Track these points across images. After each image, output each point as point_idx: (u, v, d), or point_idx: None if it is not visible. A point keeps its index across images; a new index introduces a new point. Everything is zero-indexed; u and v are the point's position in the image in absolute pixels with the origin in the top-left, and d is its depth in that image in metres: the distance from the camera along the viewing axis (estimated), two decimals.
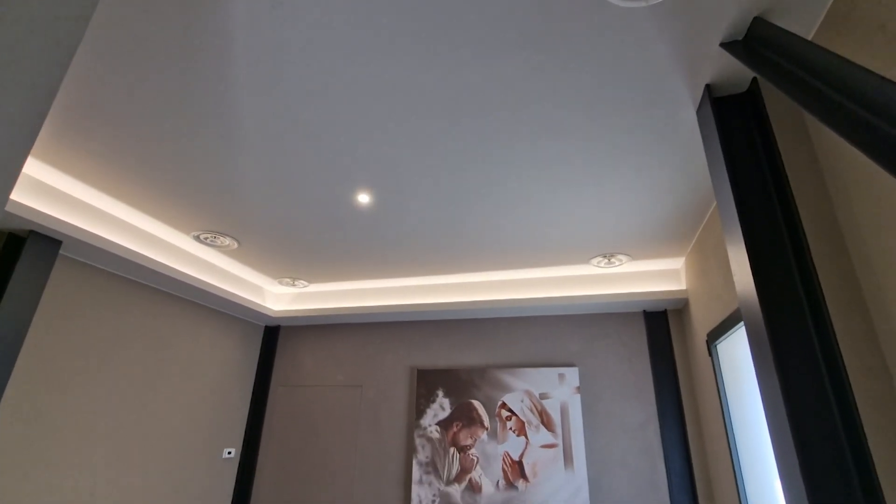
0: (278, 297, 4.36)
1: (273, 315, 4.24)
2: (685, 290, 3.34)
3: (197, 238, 3.19)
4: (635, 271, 3.54)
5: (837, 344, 1.37)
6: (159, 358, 3.42)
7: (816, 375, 1.39)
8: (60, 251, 2.80)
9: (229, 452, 4.01)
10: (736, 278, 1.64)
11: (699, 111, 1.82)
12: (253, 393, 4.34)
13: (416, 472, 3.64)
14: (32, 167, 2.38)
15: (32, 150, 2.26)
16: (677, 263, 3.43)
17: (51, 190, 2.53)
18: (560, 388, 3.55)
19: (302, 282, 4.09)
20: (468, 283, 3.86)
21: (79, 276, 2.92)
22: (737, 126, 1.67)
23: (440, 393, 3.83)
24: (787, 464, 1.40)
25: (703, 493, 3.09)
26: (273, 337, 4.53)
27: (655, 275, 3.49)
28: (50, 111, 1.97)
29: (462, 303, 3.77)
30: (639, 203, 2.58)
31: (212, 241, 3.23)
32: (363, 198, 2.60)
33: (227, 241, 3.23)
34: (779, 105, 1.65)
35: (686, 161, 2.20)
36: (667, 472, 3.18)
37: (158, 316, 3.45)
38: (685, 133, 2.00)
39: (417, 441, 3.73)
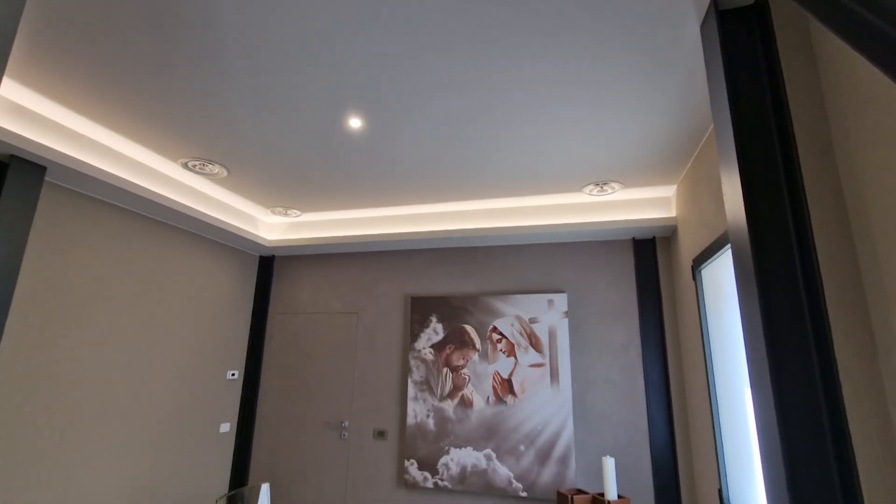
0: (271, 226, 4.36)
1: (267, 245, 4.27)
2: (675, 218, 3.40)
3: (185, 166, 3.13)
4: (627, 199, 3.58)
5: (819, 268, 1.43)
6: (157, 287, 3.48)
7: (795, 296, 1.47)
8: (46, 178, 2.74)
9: (233, 374, 4.20)
10: (726, 199, 1.67)
11: (703, 25, 1.76)
12: (252, 320, 4.47)
13: (411, 390, 3.87)
14: (12, 91, 2.27)
15: (13, 73, 2.14)
16: (669, 191, 3.46)
17: (33, 115, 2.43)
18: (549, 313, 3.70)
19: (295, 211, 4.08)
20: (462, 212, 3.88)
21: (69, 204, 2.88)
22: (741, 42, 1.63)
23: (434, 318, 3.98)
24: (758, 373, 1.51)
25: (678, 402, 3.35)
26: (268, 267, 4.58)
27: (646, 202, 3.53)
28: (31, 33, 1.84)
29: (456, 231, 3.81)
30: (635, 128, 2.56)
31: (201, 168, 3.17)
32: (354, 122, 2.54)
33: (217, 168, 3.17)
34: (786, 23, 1.60)
35: (685, 85, 2.15)
36: (645, 387, 3.42)
37: (153, 245, 3.46)
38: (687, 53, 1.94)
39: (412, 362, 3.93)
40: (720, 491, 2.63)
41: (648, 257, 3.65)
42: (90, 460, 2.92)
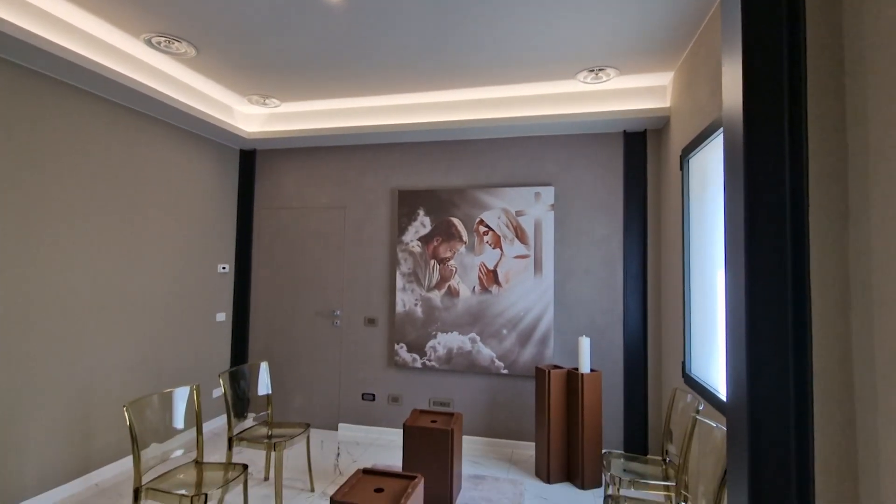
0: (249, 117, 4.15)
1: (247, 137, 4.10)
2: (668, 108, 3.31)
3: (149, 42, 2.87)
4: (621, 88, 3.44)
5: (807, 159, 1.43)
6: (137, 179, 3.38)
7: (779, 181, 1.48)
8: None
9: (224, 267, 4.27)
10: (725, 80, 1.61)
11: None
12: (238, 215, 4.44)
13: (399, 281, 4.01)
14: None
15: None
16: (665, 79, 3.32)
17: None
18: (535, 206, 3.73)
19: (273, 100, 3.86)
20: (450, 102, 3.71)
21: (26, 84, 2.67)
22: None
23: (421, 212, 3.99)
24: (733, 257, 1.58)
25: (653, 290, 3.54)
26: (250, 161, 4.45)
27: (641, 92, 3.41)
28: None
29: (443, 122, 3.68)
30: (634, 6, 2.37)
31: (167, 46, 2.91)
32: None
33: (184, 47, 2.92)
34: None
35: None
36: (624, 276, 3.58)
37: (128, 134, 3.29)
38: None
39: (400, 255, 4.02)
40: (683, 364, 2.89)
41: (638, 151, 3.61)
42: (92, 346, 3.05)
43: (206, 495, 2.04)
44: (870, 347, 1.30)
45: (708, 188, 2.60)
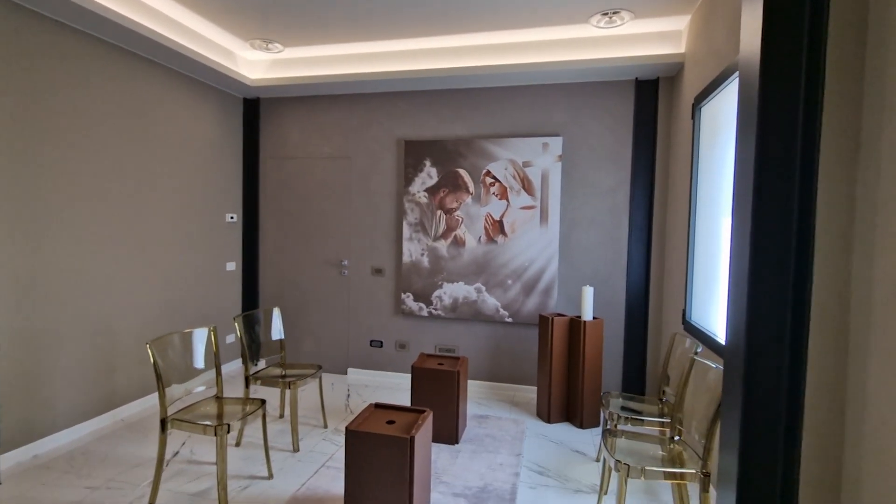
0: (252, 64, 4.06)
1: (250, 84, 4.02)
2: (682, 54, 3.21)
3: None
4: (634, 33, 3.32)
5: (822, 109, 1.41)
6: (141, 125, 3.36)
7: (792, 131, 1.47)
8: None
9: (232, 217, 4.32)
10: (744, 21, 1.57)
11: None
12: (243, 165, 4.43)
13: (406, 231, 4.05)
14: None
15: None
16: (680, 23, 3.20)
17: None
18: (543, 157, 3.70)
19: (276, 45, 3.76)
20: (456, 48, 3.61)
21: (26, 25, 2.61)
22: None
23: (427, 162, 3.97)
24: (741, 203, 1.59)
25: (657, 241, 3.57)
26: (254, 110, 4.39)
27: (655, 37, 3.30)
28: None
29: (449, 69, 3.60)
30: None
31: None
32: None
33: None
34: None
35: None
36: (629, 226, 3.60)
37: (132, 78, 3.24)
38: None
39: (407, 205, 4.04)
40: (684, 312, 2.97)
41: (649, 99, 3.54)
42: (110, 285, 3.14)
43: (229, 425, 2.18)
44: (868, 286, 1.34)
45: (718, 137, 2.57)
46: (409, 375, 4.14)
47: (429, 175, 3.97)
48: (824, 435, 1.44)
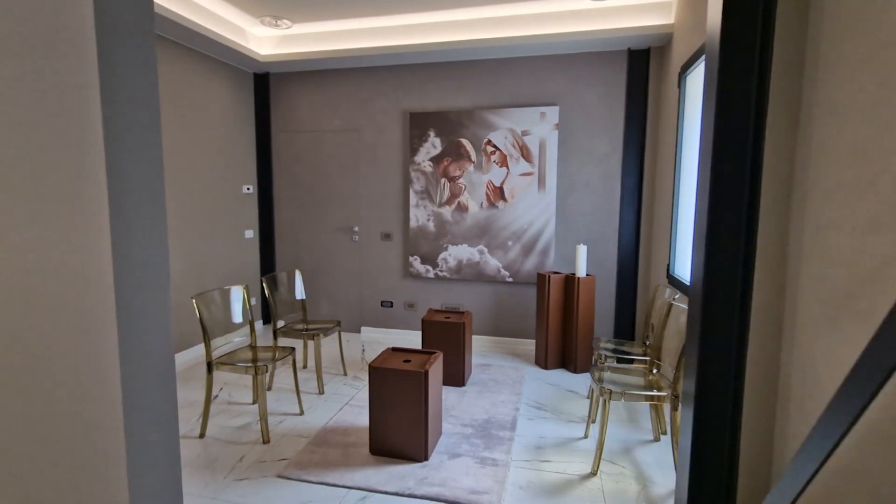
0: (262, 40, 4.24)
1: (260, 60, 4.22)
2: (672, 25, 3.39)
3: None
4: (627, 5, 3.50)
5: (770, 76, 1.66)
6: (161, 100, 3.59)
7: (747, 91, 1.72)
8: None
9: (248, 188, 4.59)
10: (710, 8, 1.81)
11: None
12: (256, 138, 4.67)
13: (412, 199, 4.32)
14: None
15: None
16: None
17: None
18: (540, 125, 3.93)
19: (285, 21, 3.94)
20: (457, 21, 3.78)
21: None
22: None
23: (432, 133, 4.20)
24: (704, 163, 1.86)
25: (647, 203, 3.84)
26: (264, 85, 4.59)
27: (646, 8, 3.47)
28: None
29: (451, 42, 3.78)
30: None
31: None
32: None
33: None
34: None
35: None
36: (621, 190, 3.87)
37: None
38: None
39: (413, 174, 4.30)
40: (668, 266, 3.27)
41: (641, 68, 3.73)
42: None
43: (267, 366, 2.53)
44: (800, 230, 1.63)
45: (699, 105, 2.81)
46: (417, 332, 4.49)
47: (433, 145, 4.21)
48: (764, 358, 1.76)
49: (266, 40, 4.25)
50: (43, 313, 1.13)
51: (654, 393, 2.28)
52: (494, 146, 4.06)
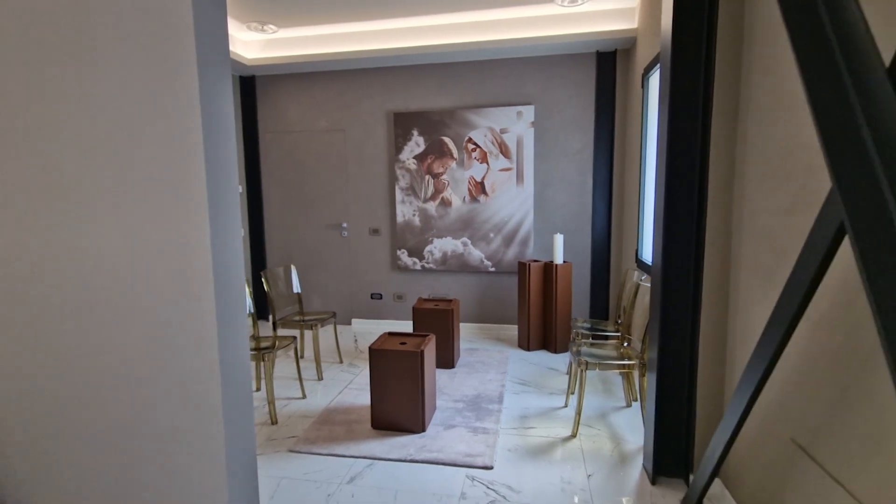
0: (248, 44, 4.38)
1: (247, 63, 4.36)
2: (636, 29, 3.69)
3: None
4: (595, 10, 3.77)
5: (714, 75, 1.94)
6: None
7: (695, 95, 2.01)
8: None
9: (237, 188, 4.72)
10: (664, 10, 2.08)
11: None
12: (244, 139, 4.80)
13: (398, 195, 4.54)
14: None
15: None
16: (633, 1, 3.66)
17: None
18: (517, 124, 4.19)
19: (271, 26, 4.09)
20: (438, 26, 4.00)
21: None
22: None
23: (415, 132, 4.42)
24: (660, 154, 2.14)
25: (617, 195, 4.15)
26: (250, 87, 4.72)
27: (612, 14, 3.75)
28: None
29: (432, 46, 4.00)
30: None
31: None
32: None
33: None
34: None
35: None
36: (593, 183, 4.17)
37: None
38: None
39: (398, 172, 4.51)
40: (637, 251, 3.57)
41: (608, 70, 4.03)
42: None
43: (272, 353, 2.73)
44: (741, 214, 1.93)
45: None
46: (407, 322, 4.72)
47: (417, 144, 4.43)
48: (714, 326, 2.06)
49: (252, 44, 4.38)
50: (163, 292, 1.37)
51: (625, 362, 2.57)
52: (475, 144, 4.30)
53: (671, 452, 2.21)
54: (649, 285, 2.70)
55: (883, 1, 1.13)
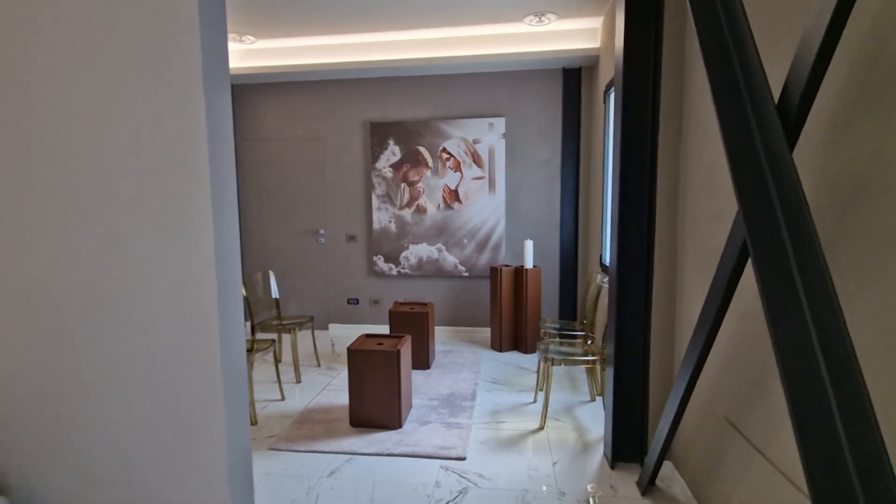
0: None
1: None
2: (598, 48, 3.95)
3: None
4: (562, 30, 4.02)
5: (660, 90, 2.16)
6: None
7: (645, 109, 2.23)
8: None
9: None
10: (616, 33, 2.30)
11: None
12: None
13: (375, 202, 4.67)
14: None
15: None
16: (597, 23, 3.92)
17: None
18: (489, 135, 4.39)
19: (249, 37, 4.18)
20: (413, 41, 4.18)
21: None
22: None
23: (391, 142, 4.57)
24: (616, 163, 2.35)
25: (583, 203, 4.39)
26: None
27: (577, 33, 4.01)
28: None
29: (407, 60, 4.17)
30: None
31: None
32: None
33: None
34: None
35: None
36: (561, 191, 4.40)
37: None
38: None
39: (374, 180, 4.65)
40: (601, 256, 3.80)
41: (574, 85, 4.28)
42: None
43: (251, 356, 2.81)
44: (685, 219, 2.14)
45: None
46: (383, 327, 4.83)
47: (393, 153, 4.58)
48: (663, 321, 2.27)
49: (231, 54, 4.46)
50: (168, 300, 1.46)
51: (588, 358, 2.77)
52: (449, 153, 4.48)
53: (627, 439, 2.40)
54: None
55: (768, 50, 1.35)
